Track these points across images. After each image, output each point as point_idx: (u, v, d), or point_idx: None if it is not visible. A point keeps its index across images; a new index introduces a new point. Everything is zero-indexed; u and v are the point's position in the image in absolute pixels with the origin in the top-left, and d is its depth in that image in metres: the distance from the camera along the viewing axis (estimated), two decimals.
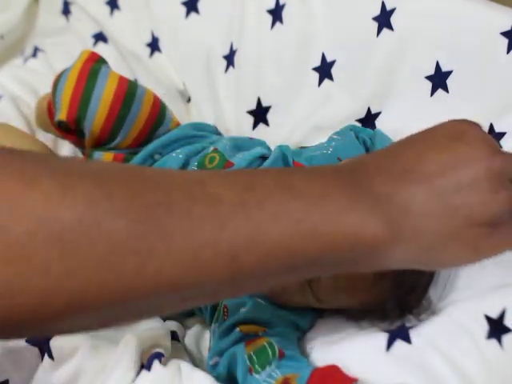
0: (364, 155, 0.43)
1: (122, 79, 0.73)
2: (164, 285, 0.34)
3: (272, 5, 0.80)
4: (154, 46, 0.92)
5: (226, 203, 0.35)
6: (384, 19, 0.71)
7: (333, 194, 0.37)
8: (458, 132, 0.41)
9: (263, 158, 0.71)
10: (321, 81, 0.77)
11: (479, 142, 0.40)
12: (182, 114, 0.86)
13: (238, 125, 0.83)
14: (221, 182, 0.37)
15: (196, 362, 0.65)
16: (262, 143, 0.77)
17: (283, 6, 0.79)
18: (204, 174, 0.38)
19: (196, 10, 0.87)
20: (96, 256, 0.32)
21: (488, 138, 0.41)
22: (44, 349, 0.59)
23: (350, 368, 0.55)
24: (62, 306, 0.32)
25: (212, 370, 0.59)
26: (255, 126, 0.82)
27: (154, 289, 0.34)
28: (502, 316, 0.54)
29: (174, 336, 0.64)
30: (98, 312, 0.34)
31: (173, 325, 0.68)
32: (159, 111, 0.75)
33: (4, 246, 0.30)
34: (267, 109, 0.81)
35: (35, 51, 0.95)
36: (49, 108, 0.79)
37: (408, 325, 0.57)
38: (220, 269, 0.35)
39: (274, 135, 0.80)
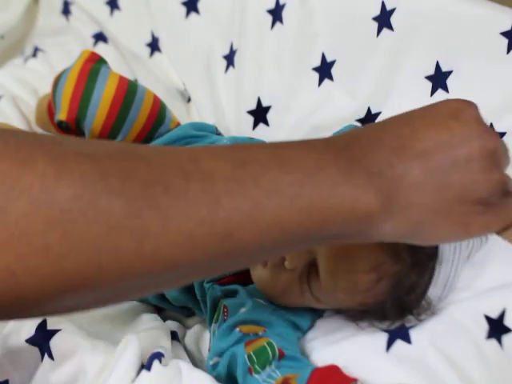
0: (357, 129, 0.43)
1: (122, 79, 0.73)
2: (161, 264, 0.34)
3: (272, 5, 0.80)
4: (154, 46, 0.92)
5: (221, 180, 0.35)
6: (384, 19, 0.71)
7: (327, 168, 0.37)
8: (454, 110, 0.41)
9: None
10: (321, 81, 0.77)
11: (474, 122, 0.40)
12: (182, 114, 0.86)
13: (238, 125, 0.83)
14: (215, 157, 0.36)
15: (196, 362, 0.65)
16: None
17: (283, 6, 0.79)
18: (198, 151, 0.37)
19: (196, 10, 0.87)
20: (94, 236, 0.32)
21: (482, 118, 0.41)
22: (44, 349, 0.59)
23: (350, 368, 0.55)
24: (61, 286, 0.32)
25: (212, 370, 0.59)
26: (255, 125, 0.82)
27: (151, 268, 0.34)
28: (501, 316, 0.54)
29: (174, 336, 0.64)
30: (96, 291, 0.34)
31: (173, 325, 0.68)
32: (159, 111, 0.75)
33: (4, 228, 0.30)
34: (267, 109, 0.81)
35: (35, 51, 0.95)
36: (49, 108, 0.79)
37: (408, 325, 0.57)
38: (215, 246, 0.35)
39: (273, 135, 0.80)
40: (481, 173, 0.39)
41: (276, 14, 0.80)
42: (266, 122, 0.81)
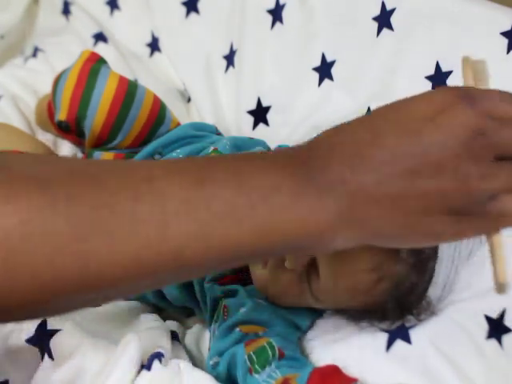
0: (324, 133, 0.40)
1: (122, 79, 0.73)
2: (106, 282, 0.35)
3: (272, 5, 0.80)
4: (154, 46, 0.92)
5: (172, 200, 0.35)
6: (384, 19, 0.71)
7: (281, 188, 0.37)
8: (433, 110, 0.36)
9: None
10: (321, 81, 0.77)
11: (457, 125, 0.35)
12: (182, 114, 0.86)
13: (238, 125, 0.83)
14: (170, 175, 0.37)
15: (196, 362, 0.65)
16: (262, 143, 0.77)
17: (283, 5, 0.79)
18: (154, 167, 0.38)
19: (196, 10, 0.87)
20: (39, 260, 0.33)
21: (474, 117, 0.36)
22: (44, 349, 0.59)
23: (350, 368, 0.55)
24: (7, 302, 0.33)
25: (212, 370, 0.59)
26: (255, 126, 0.82)
27: (95, 286, 0.35)
28: (501, 316, 0.54)
29: (174, 336, 0.64)
30: (41, 306, 0.35)
31: (173, 325, 0.68)
32: (159, 111, 0.75)
33: None
34: (267, 109, 0.81)
35: (35, 51, 0.95)
36: (49, 108, 0.79)
37: (408, 325, 0.57)
38: (162, 266, 0.35)
39: (274, 135, 0.80)
40: (454, 182, 0.35)
41: (276, 13, 0.80)
42: (266, 122, 0.81)
